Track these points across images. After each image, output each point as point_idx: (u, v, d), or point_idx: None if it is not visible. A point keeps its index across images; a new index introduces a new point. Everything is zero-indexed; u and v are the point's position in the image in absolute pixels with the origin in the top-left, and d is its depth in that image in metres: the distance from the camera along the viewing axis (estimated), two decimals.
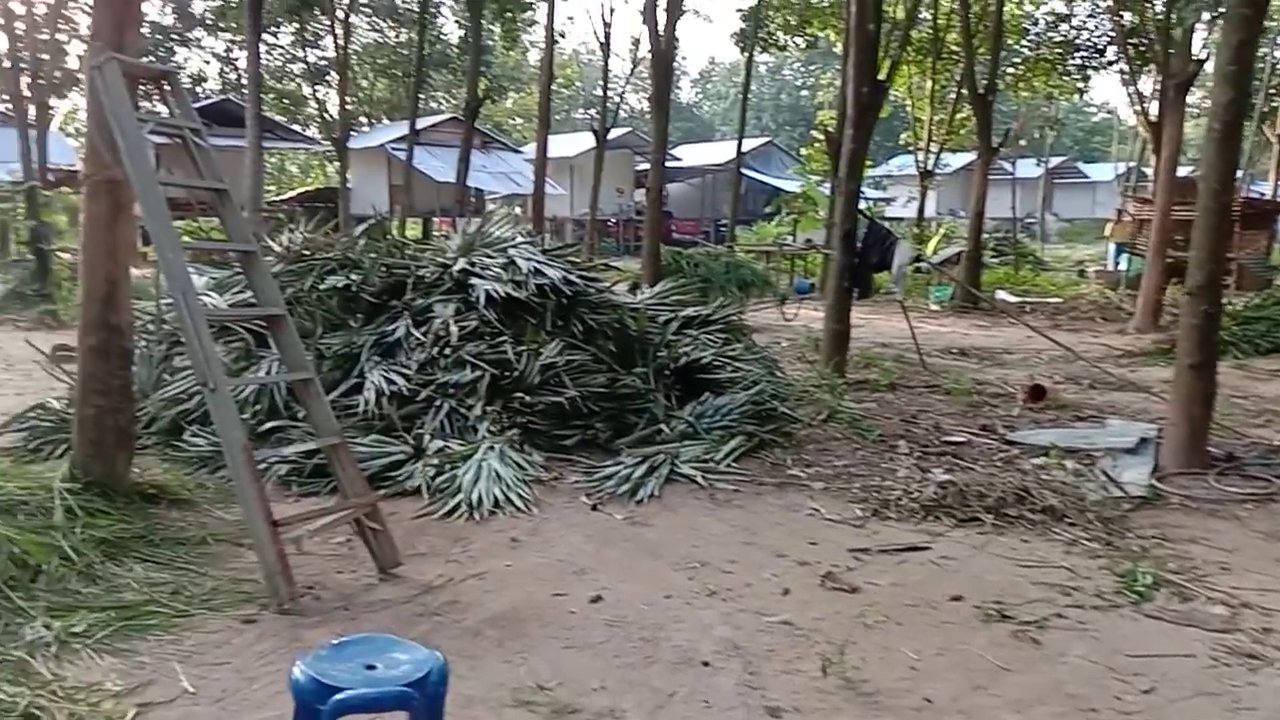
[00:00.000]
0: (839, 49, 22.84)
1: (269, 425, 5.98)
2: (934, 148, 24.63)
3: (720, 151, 39.66)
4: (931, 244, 20.87)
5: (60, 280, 14.62)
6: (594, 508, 5.31)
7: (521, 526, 4.97)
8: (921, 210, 24.99)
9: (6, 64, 16.93)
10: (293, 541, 4.03)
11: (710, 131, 64.34)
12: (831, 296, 9.12)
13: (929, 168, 24.46)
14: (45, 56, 17.45)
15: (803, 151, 32.71)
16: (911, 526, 5.07)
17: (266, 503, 3.95)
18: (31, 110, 16.88)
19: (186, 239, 16.12)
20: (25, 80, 16.72)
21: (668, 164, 34.21)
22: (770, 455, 6.34)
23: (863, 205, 10.72)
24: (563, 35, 45.04)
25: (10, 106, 18.10)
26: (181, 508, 5.04)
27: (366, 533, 4.29)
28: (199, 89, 36.95)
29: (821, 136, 21.68)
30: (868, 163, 27.55)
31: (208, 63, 39.69)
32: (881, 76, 9.01)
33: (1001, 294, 18.30)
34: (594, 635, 3.68)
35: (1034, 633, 3.79)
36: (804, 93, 62.52)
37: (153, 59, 34.34)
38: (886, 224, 12.50)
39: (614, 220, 34.54)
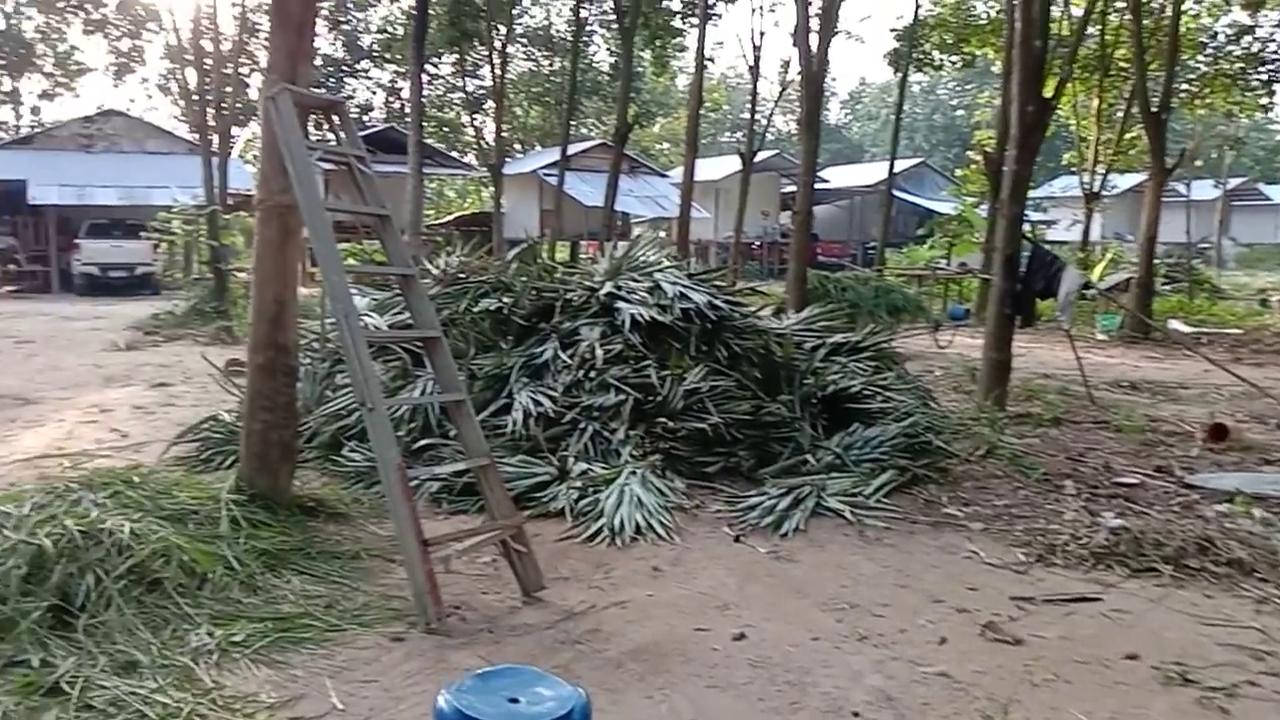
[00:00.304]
0: (997, 67, 22.07)
1: (422, 443, 6.13)
2: (1100, 168, 23.38)
3: (869, 173, 38.93)
4: (1098, 270, 19.72)
5: (236, 298, 15.63)
6: (737, 539, 5.18)
7: (663, 555, 4.89)
8: (1086, 234, 23.73)
9: (195, 97, 18.26)
10: (441, 561, 4.09)
11: (859, 153, 63.34)
12: (991, 324, 8.69)
13: (1095, 189, 23.23)
14: (229, 89, 18.72)
15: (958, 172, 31.69)
16: (1080, 575, 4.71)
17: (418, 522, 4.01)
18: (214, 139, 18.12)
19: (351, 262, 16.97)
20: (210, 111, 17.97)
21: (816, 186, 33.90)
22: (924, 492, 6.05)
23: (1025, 229, 10.22)
24: (711, 60, 45.33)
25: (196, 136, 19.47)
26: (338, 522, 5.20)
27: (512, 554, 4.31)
28: (365, 118, 38.97)
29: (979, 157, 20.92)
30: (1029, 184, 26.39)
31: (374, 93, 41.85)
32: (1048, 94, 8.55)
33: (1174, 323, 17.10)
34: (737, 675, 3.56)
35: (1222, 700, 3.44)
36: (959, 112, 60.71)
37: (324, 89, 36.44)
38: (1049, 248, 11.85)
39: (758, 243, 34.34)
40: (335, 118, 4.62)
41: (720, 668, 3.62)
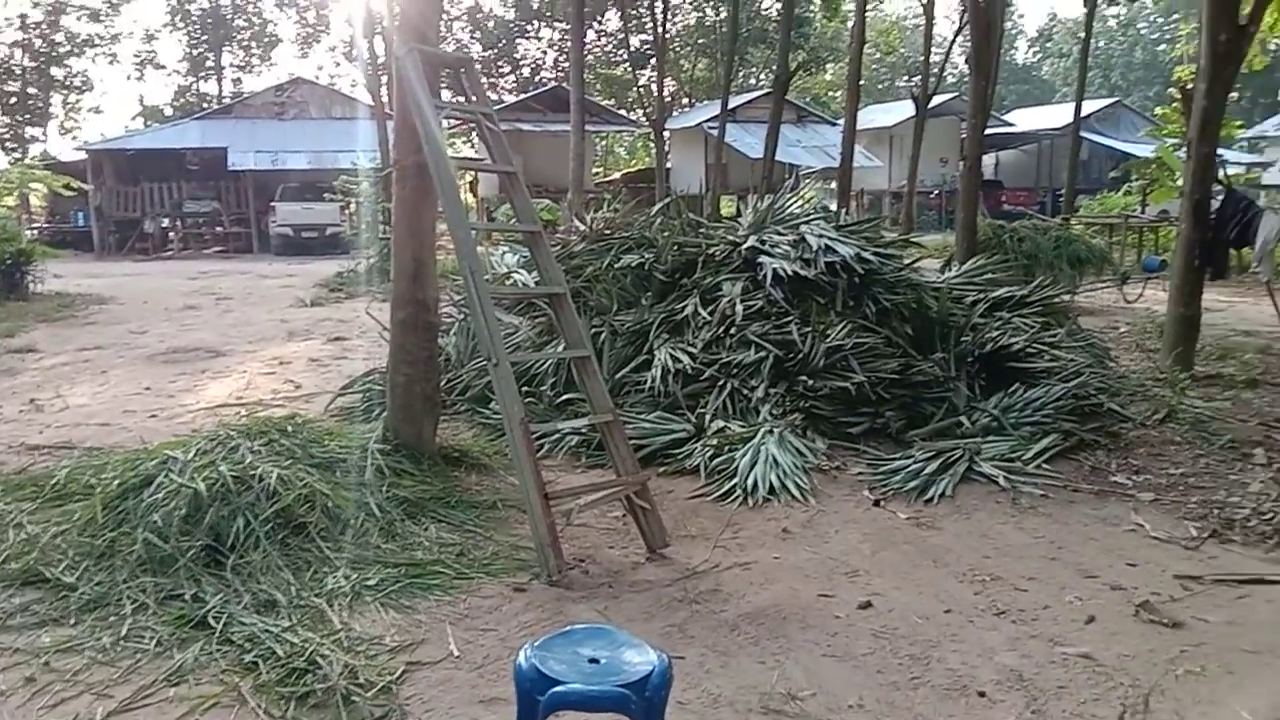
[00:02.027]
0: None
1: (566, 397, 6.20)
2: None
3: (1061, 115, 36.33)
4: None
5: None
6: (876, 503, 4.97)
7: (795, 517, 4.75)
8: None
9: (371, 64, 19.06)
10: (563, 515, 4.12)
11: (1050, 94, 59.21)
12: (1177, 276, 7.93)
13: None
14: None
15: (1157, 112, 29.12)
16: (1260, 554, 4.25)
17: (540, 475, 4.05)
18: (387, 105, 18.88)
19: (474, 220, 17.32)
20: (384, 77, 18.73)
21: (999, 130, 31.99)
22: (1090, 458, 5.61)
23: (1229, 171, 9.22)
24: (881, 0, 43.31)
25: (372, 103, 20.36)
26: (480, 472, 5.32)
27: (637, 511, 4.30)
28: (537, 77, 39.67)
29: (1179, 95, 19.11)
30: (1238, 123, 23.87)
31: (544, 53, 42.51)
32: (1244, 21, 7.56)
33: None
34: (858, 645, 3.40)
35: None
36: (1161, 47, 55.63)
37: (496, 50, 37.24)
38: (1260, 193, 10.66)
39: (936, 192, 32.89)
40: (464, 76, 4.64)
41: (840, 636, 3.48)
